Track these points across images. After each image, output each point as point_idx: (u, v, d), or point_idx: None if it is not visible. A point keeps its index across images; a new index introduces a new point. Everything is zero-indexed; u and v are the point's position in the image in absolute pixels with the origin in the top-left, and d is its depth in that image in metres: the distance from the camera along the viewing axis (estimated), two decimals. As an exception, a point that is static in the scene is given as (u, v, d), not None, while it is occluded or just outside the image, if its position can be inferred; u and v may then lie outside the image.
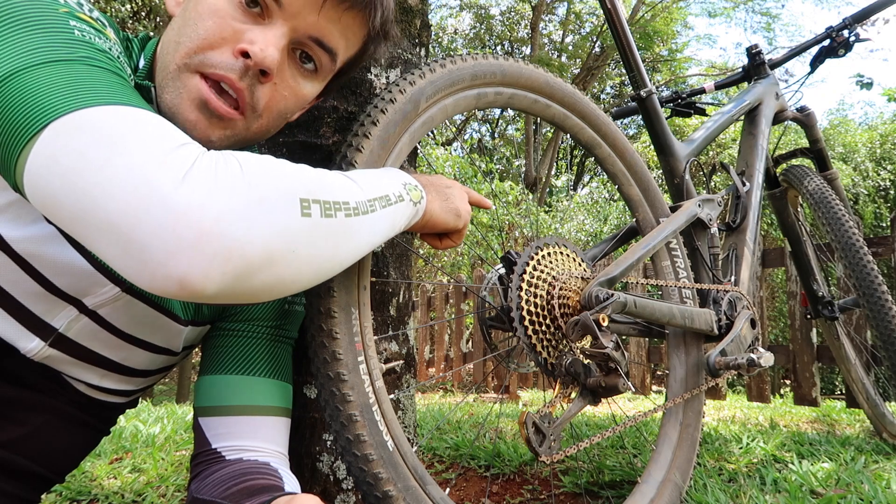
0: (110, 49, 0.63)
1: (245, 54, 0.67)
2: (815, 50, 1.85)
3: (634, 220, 1.33)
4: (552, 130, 13.68)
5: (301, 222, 0.57)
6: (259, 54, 0.67)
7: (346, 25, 0.74)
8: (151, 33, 0.78)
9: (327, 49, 0.74)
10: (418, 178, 0.84)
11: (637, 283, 1.22)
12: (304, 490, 0.87)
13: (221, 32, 0.68)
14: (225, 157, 0.56)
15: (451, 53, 1.03)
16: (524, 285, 0.97)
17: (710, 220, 1.36)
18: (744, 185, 1.53)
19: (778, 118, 1.81)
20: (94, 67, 0.58)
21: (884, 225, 8.19)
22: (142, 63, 0.73)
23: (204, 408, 0.82)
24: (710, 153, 8.35)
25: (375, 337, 0.94)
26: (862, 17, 1.78)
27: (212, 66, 0.67)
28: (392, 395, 1.07)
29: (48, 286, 0.69)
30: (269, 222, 0.54)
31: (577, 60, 14.58)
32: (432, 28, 1.30)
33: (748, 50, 1.80)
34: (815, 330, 2.87)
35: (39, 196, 0.53)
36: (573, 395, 1.03)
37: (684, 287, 1.31)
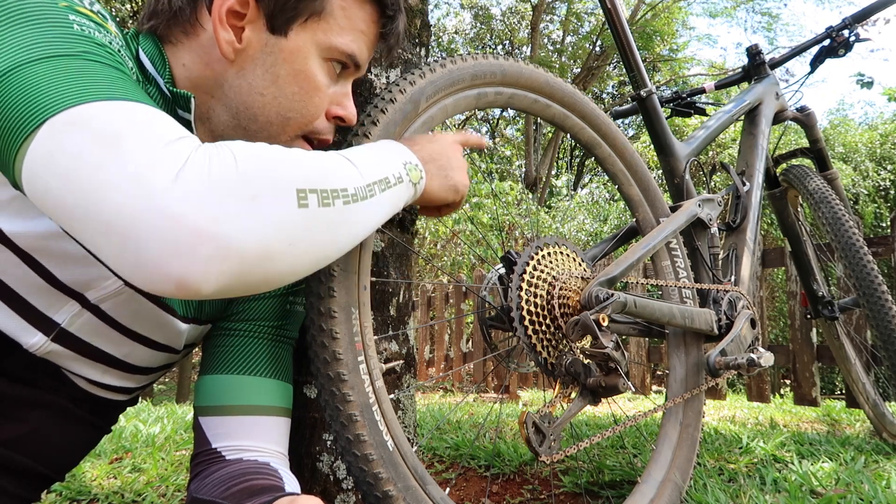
0: (110, 43, 0.63)
1: (338, 118, 0.81)
2: (815, 50, 1.85)
3: (634, 219, 1.33)
4: (552, 130, 13.68)
5: (298, 214, 0.57)
6: (352, 119, 0.83)
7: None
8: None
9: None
10: (419, 151, 0.82)
11: (637, 282, 1.22)
12: (304, 490, 0.87)
13: (323, 105, 0.79)
14: (219, 151, 0.55)
15: (452, 53, 1.03)
16: (524, 285, 0.97)
17: (710, 219, 1.36)
18: (744, 184, 1.53)
19: (778, 118, 1.81)
20: (92, 62, 0.58)
21: (884, 225, 8.19)
22: (147, 63, 0.73)
23: (204, 407, 0.83)
24: (710, 153, 8.35)
25: (375, 337, 0.94)
26: (862, 16, 1.78)
27: (319, 133, 0.81)
28: (392, 395, 1.07)
29: (51, 280, 0.69)
30: (265, 218, 0.54)
31: (578, 60, 14.58)
32: (433, 27, 1.30)
33: (748, 50, 1.80)
34: (815, 330, 2.87)
35: (38, 193, 0.53)
36: (573, 394, 1.03)
37: (684, 287, 1.31)
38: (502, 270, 1.06)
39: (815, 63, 1.85)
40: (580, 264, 1.10)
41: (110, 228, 0.50)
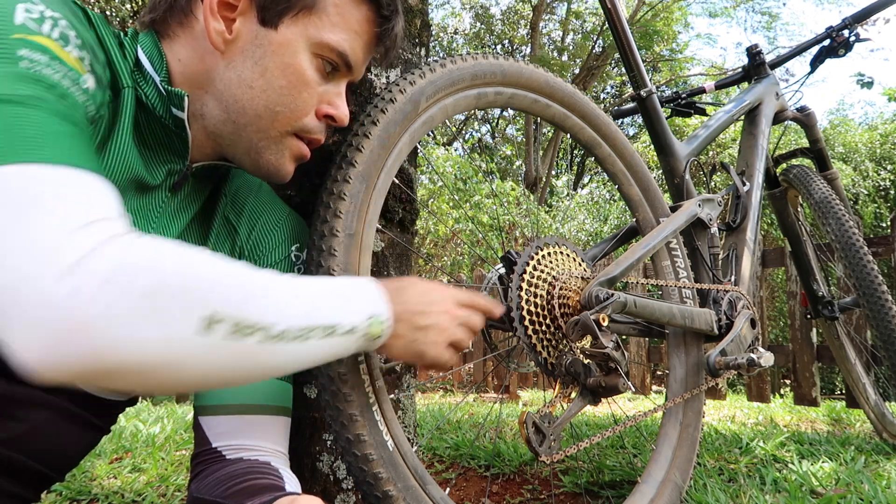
0: (63, 78, 0.58)
1: (329, 117, 0.80)
2: (815, 50, 1.85)
3: (634, 219, 1.33)
4: (552, 130, 13.68)
5: (195, 341, 0.51)
6: (344, 119, 0.81)
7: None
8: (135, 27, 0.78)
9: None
10: (401, 302, 0.74)
11: (637, 282, 1.22)
12: (304, 490, 0.87)
13: (313, 102, 0.78)
14: (139, 250, 0.51)
15: (452, 53, 1.03)
16: (524, 285, 0.97)
17: (710, 219, 1.36)
18: (744, 184, 1.53)
19: (778, 118, 1.81)
20: (32, 110, 0.54)
21: (884, 225, 8.19)
22: (145, 62, 0.73)
23: (204, 406, 0.83)
24: (710, 153, 8.35)
25: (375, 337, 0.94)
26: (862, 16, 1.78)
27: (307, 131, 0.79)
28: (392, 395, 1.07)
29: None
30: (153, 334, 0.49)
31: (578, 60, 14.58)
32: (433, 27, 1.30)
33: (748, 50, 1.80)
34: (815, 330, 2.87)
35: None
36: (573, 394, 1.03)
37: (684, 287, 1.31)
38: (502, 270, 1.06)
39: (815, 63, 1.85)
40: (580, 264, 1.10)
41: None
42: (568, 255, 1.09)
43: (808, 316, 2.06)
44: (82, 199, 0.52)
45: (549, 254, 1.04)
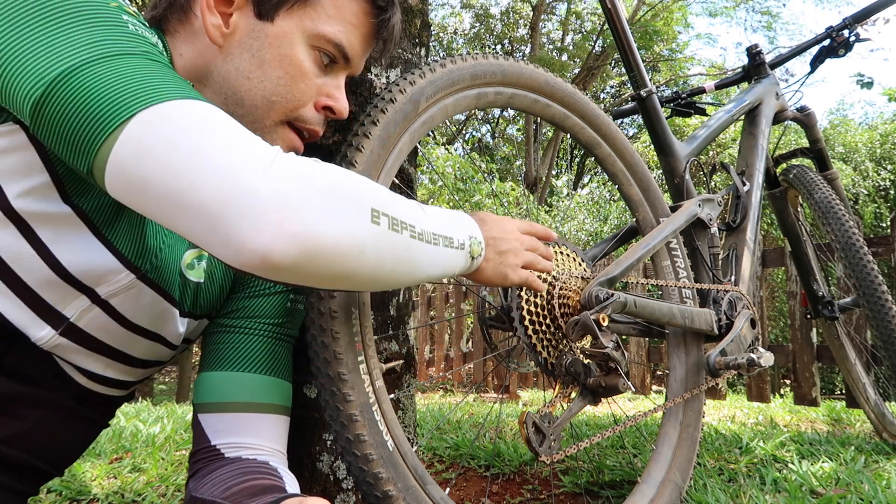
0: (157, 44, 0.66)
1: (327, 108, 0.81)
2: (815, 50, 1.85)
3: (634, 219, 1.33)
4: (552, 130, 13.68)
5: (370, 228, 0.61)
6: (343, 111, 0.82)
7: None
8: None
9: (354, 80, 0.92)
10: (486, 230, 0.83)
11: (637, 282, 1.22)
12: (303, 490, 0.87)
13: (310, 93, 0.79)
14: (302, 159, 0.60)
15: (452, 53, 1.03)
16: (524, 285, 0.97)
17: (711, 219, 1.36)
18: (744, 184, 1.53)
19: (778, 118, 1.81)
20: (154, 63, 0.61)
21: (884, 225, 8.19)
22: None
23: (203, 404, 0.83)
24: (710, 153, 8.35)
25: (375, 337, 0.94)
26: (862, 16, 1.78)
27: (304, 121, 0.80)
28: (392, 395, 1.07)
29: (64, 275, 0.69)
30: (341, 220, 0.58)
31: (577, 60, 14.58)
32: (433, 27, 1.30)
33: (748, 50, 1.80)
34: (815, 330, 2.87)
35: (126, 180, 0.56)
36: (573, 394, 1.03)
37: (684, 287, 1.31)
38: (502, 270, 1.06)
39: (815, 63, 1.85)
40: (580, 264, 1.10)
41: (205, 209, 0.54)
42: (568, 255, 1.09)
43: (808, 316, 2.06)
44: (237, 125, 0.60)
45: (549, 254, 1.04)
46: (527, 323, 0.96)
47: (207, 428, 0.81)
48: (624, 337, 1.43)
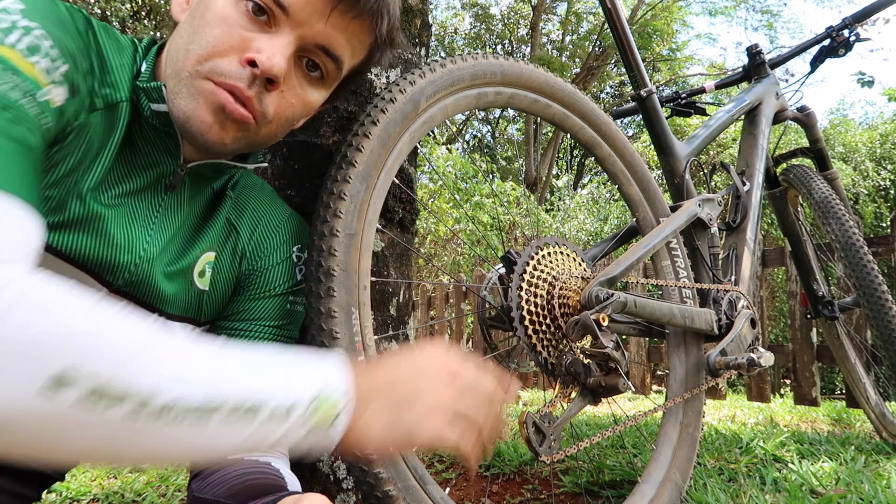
0: (14, 88, 0.54)
1: (252, 63, 0.67)
2: (815, 49, 1.85)
3: (634, 219, 1.33)
4: (552, 130, 13.68)
5: (33, 400, 0.41)
6: (266, 63, 0.67)
7: (353, 33, 0.73)
8: (158, 35, 0.78)
9: (333, 57, 0.73)
10: (377, 373, 0.60)
11: (637, 282, 1.22)
12: (303, 490, 0.87)
13: (229, 40, 0.68)
14: (21, 292, 0.42)
15: (452, 53, 1.02)
16: (524, 285, 0.97)
17: (711, 219, 1.36)
18: (744, 184, 1.53)
19: (778, 118, 1.81)
20: None
21: (884, 225, 8.18)
22: (144, 66, 0.73)
23: None
24: (711, 153, 8.35)
25: (376, 337, 0.94)
26: (862, 16, 1.78)
27: (221, 74, 0.67)
28: (392, 395, 1.07)
29: None
30: None
31: (577, 60, 14.58)
32: (436, 27, 1.30)
33: (748, 49, 1.80)
34: (815, 330, 2.87)
35: None
36: (573, 394, 1.03)
37: (684, 287, 1.31)
38: (502, 270, 1.06)
39: (816, 63, 1.85)
40: (580, 264, 1.10)
41: None
42: (568, 255, 1.09)
43: (808, 316, 2.06)
44: None
45: (549, 254, 1.04)
46: (527, 323, 0.96)
47: None
48: (624, 337, 1.43)
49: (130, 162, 0.73)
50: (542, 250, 1.03)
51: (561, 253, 1.07)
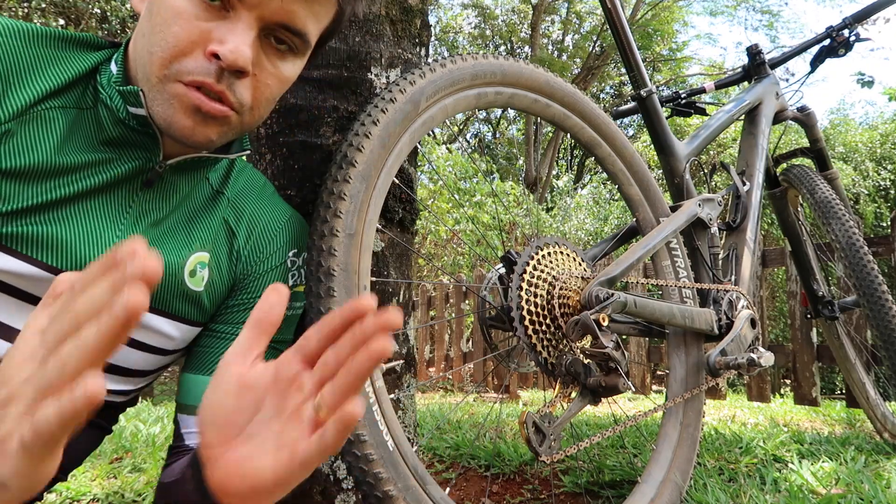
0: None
1: (217, 55, 0.64)
2: (815, 49, 1.85)
3: (634, 219, 1.33)
4: (552, 130, 13.68)
5: None
6: (230, 56, 0.64)
7: (312, 2, 0.70)
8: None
9: (296, 32, 0.71)
10: None
11: (637, 282, 1.22)
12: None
13: (189, 36, 0.65)
14: None
15: (453, 53, 1.02)
16: (524, 285, 0.97)
17: (711, 219, 1.36)
18: (744, 184, 1.53)
19: (778, 118, 1.81)
20: None
21: (884, 225, 8.18)
22: (114, 68, 0.71)
23: (184, 405, 0.82)
24: (711, 153, 8.35)
25: (375, 337, 0.94)
26: (862, 16, 1.78)
27: (188, 73, 0.65)
28: (392, 395, 1.07)
29: (21, 296, 0.68)
30: None
31: (578, 60, 14.59)
32: (440, 26, 1.30)
33: (748, 49, 1.80)
34: (815, 330, 2.87)
35: None
36: (573, 394, 1.03)
37: (684, 287, 1.31)
38: (502, 270, 1.06)
39: (816, 63, 1.86)
40: (580, 264, 1.10)
41: None
42: (568, 255, 1.09)
43: (809, 316, 2.06)
44: None
45: (549, 253, 1.04)
46: (527, 323, 0.96)
47: (184, 428, 0.81)
48: (624, 337, 1.43)
49: (99, 159, 0.71)
50: (542, 250, 1.03)
51: (561, 253, 1.07)
